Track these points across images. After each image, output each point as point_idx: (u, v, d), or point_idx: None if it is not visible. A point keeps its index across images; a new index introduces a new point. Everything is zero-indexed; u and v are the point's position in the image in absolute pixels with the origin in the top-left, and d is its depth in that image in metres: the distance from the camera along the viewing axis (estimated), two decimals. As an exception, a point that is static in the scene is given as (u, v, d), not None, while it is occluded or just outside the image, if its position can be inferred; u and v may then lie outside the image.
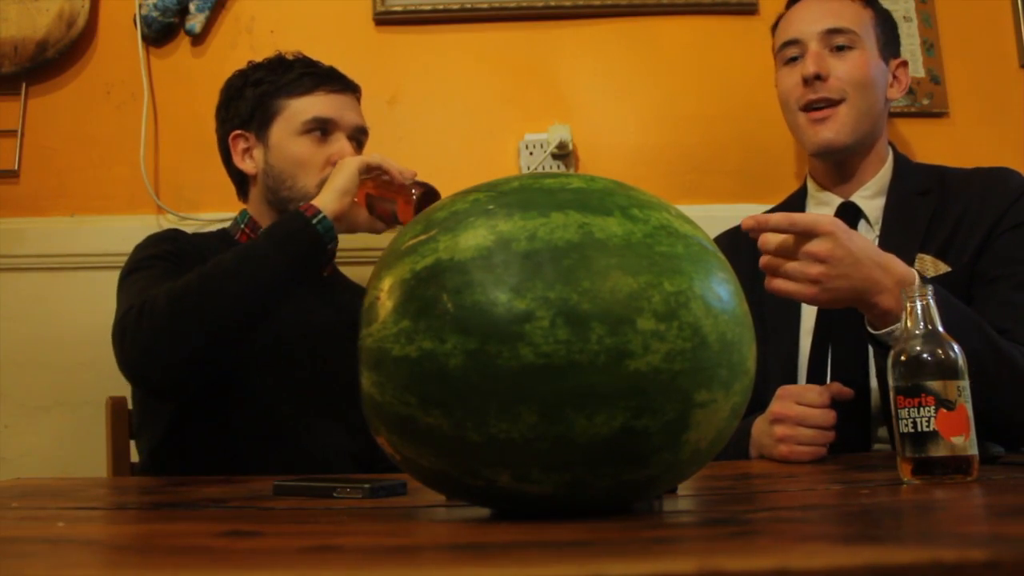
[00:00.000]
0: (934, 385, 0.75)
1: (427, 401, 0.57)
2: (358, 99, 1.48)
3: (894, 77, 1.39)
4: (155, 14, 1.73)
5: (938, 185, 1.33)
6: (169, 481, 1.10)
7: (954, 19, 1.82)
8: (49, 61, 1.73)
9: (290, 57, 1.45)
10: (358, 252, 1.69)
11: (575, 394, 0.55)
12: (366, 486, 0.81)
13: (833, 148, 1.34)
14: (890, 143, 1.42)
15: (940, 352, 0.76)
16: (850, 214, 1.34)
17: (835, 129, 1.32)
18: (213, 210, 1.71)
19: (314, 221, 1.20)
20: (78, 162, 1.73)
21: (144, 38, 1.75)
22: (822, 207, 1.40)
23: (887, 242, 1.28)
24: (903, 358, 0.77)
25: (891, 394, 0.78)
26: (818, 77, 1.32)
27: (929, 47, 1.79)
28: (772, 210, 1.48)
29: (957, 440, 0.74)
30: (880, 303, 0.97)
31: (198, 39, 1.77)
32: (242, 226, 1.44)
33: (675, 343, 0.57)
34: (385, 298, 0.60)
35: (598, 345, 0.55)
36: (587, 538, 0.52)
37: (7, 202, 1.71)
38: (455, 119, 1.77)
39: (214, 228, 1.52)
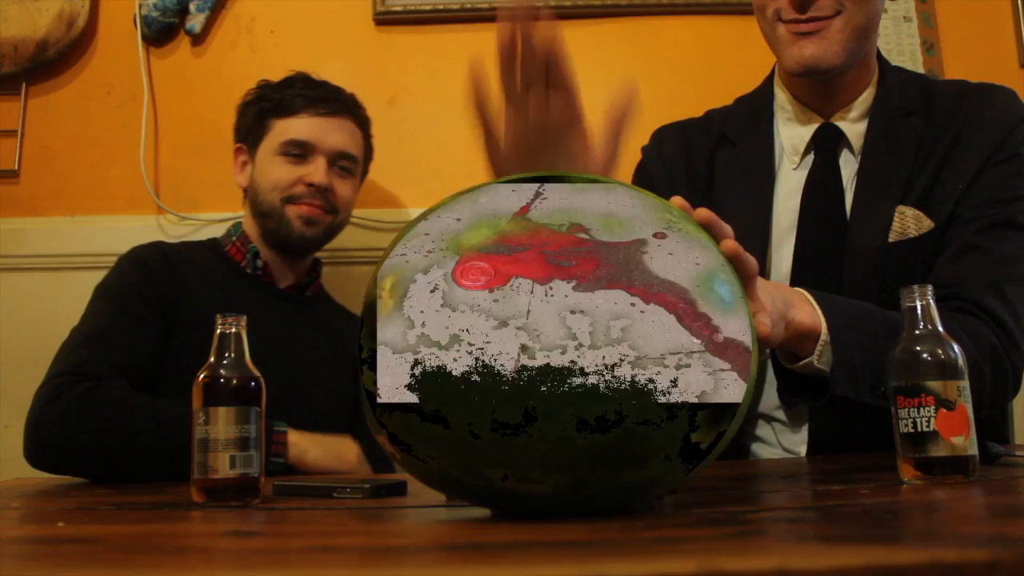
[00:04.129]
0: (934, 385, 0.75)
1: (427, 400, 0.57)
2: (357, 123, 1.48)
3: None
4: (155, 14, 1.74)
5: (923, 104, 1.15)
6: (169, 481, 1.10)
7: (954, 19, 1.82)
8: (49, 61, 1.74)
9: (297, 77, 1.47)
10: (358, 252, 1.69)
11: (576, 394, 0.55)
12: (366, 486, 0.81)
13: (818, 70, 1.09)
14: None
15: (940, 352, 0.76)
16: (831, 139, 1.16)
17: (823, 47, 1.07)
18: (213, 210, 1.71)
19: None
20: (78, 162, 1.74)
21: (144, 38, 1.75)
22: (794, 127, 1.19)
23: (869, 178, 1.12)
24: (903, 358, 0.77)
25: (891, 394, 0.78)
26: None
27: (929, 47, 1.79)
28: (736, 102, 1.31)
29: (957, 440, 0.74)
30: (796, 317, 0.85)
31: (198, 39, 1.77)
32: (233, 239, 1.46)
33: (675, 343, 0.57)
34: (386, 297, 0.60)
35: (599, 344, 0.55)
36: (587, 538, 0.52)
37: (7, 202, 1.71)
38: (455, 119, 1.76)
39: (209, 230, 1.52)
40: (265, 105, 1.44)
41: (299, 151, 1.41)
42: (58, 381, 1.16)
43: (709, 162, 1.24)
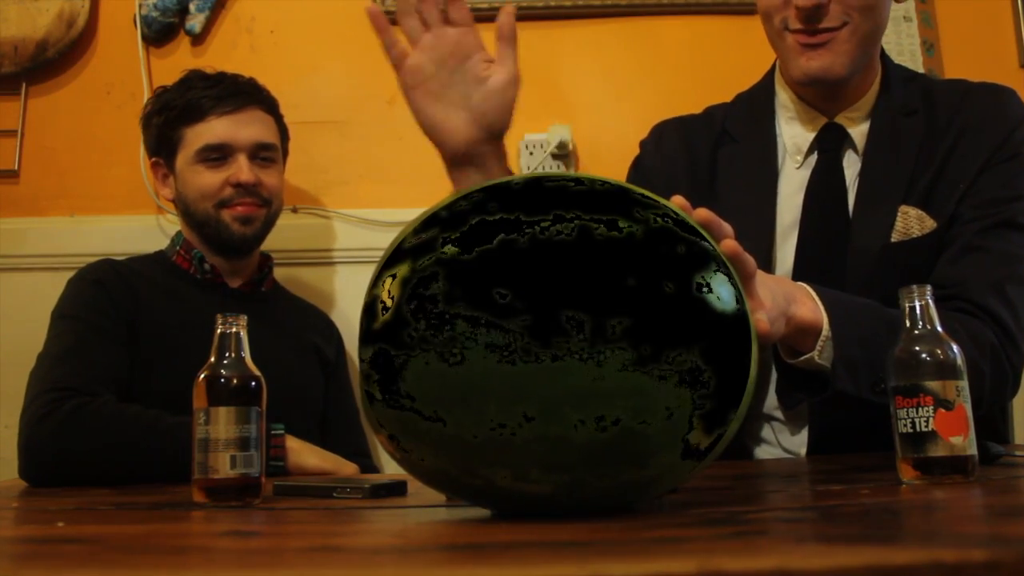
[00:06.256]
0: (933, 385, 0.75)
1: (427, 401, 0.57)
2: (266, 109, 1.46)
3: None
4: (155, 14, 1.74)
5: (925, 103, 1.15)
6: (168, 481, 1.10)
7: (954, 19, 1.82)
8: (49, 61, 1.74)
9: (194, 76, 1.45)
10: (357, 252, 1.70)
11: (575, 394, 0.55)
12: (366, 486, 0.81)
13: (826, 81, 1.10)
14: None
15: (939, 352, 0.76)
16: (835, 139, 1.16)
17: (831, 58, 1.07)
18: (213, 210, 1.71)
19: None
20: (78, 162, 1.74)
21: (144, 38, 1.75)
22: (797, 126, 1.19)
23: (872, 178, 1.13)
24: (902, 358, 0.77)
25: (890, 394, 0.78)
26: (818, 7, 1.05)
27: (929, 47, 1.79)
28: (736, 99, 1.30)
29: (956, 440, 0.74)
30: (798, 312, 0.85)
31: (198, 39, 1.77)
32: (177, 248, 1.45)
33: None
34: (386, 297, 0.60)
35: (598, 345, 0.55)
36: (587, 538, 0.52)
37: (7, 202, 1.71)
38: (455, 119, 1.76)
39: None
40: (171, 114, 1.42)
41: (218, 154, 1.40)
42: (47, 398, 1.14)
43: (712, 158, 1.24)
